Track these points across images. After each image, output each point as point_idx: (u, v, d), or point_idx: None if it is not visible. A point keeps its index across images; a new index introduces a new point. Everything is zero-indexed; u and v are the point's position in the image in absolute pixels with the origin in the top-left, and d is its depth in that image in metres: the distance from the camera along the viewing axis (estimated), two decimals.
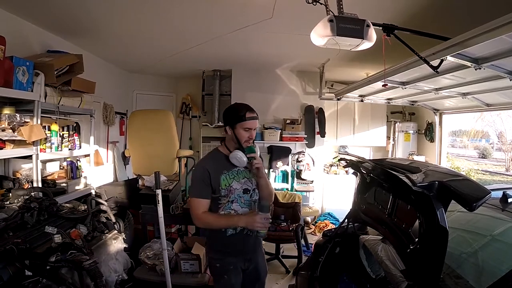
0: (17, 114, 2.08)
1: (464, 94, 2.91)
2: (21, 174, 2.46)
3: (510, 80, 2.02)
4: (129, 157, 3.51)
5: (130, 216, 2.95)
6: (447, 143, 5.59)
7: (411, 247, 1.25)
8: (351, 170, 1.87)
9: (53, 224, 1.75)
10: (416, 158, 4.53)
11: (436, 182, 1.10)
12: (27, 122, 2.18)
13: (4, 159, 2.39)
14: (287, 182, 4.56)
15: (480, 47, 1.60)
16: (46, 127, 2.43)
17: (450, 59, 1.80)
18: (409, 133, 4.93)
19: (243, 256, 1.67)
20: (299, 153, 4.55)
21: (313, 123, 4.57)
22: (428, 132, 4.68)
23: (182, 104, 5.27)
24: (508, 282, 1.09)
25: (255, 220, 1.52)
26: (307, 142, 4.56)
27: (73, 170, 2.80)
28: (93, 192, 2.87)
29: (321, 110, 4.59)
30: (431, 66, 1.82)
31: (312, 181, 4.61)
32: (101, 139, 4.04)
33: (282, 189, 4.30)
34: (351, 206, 1.88)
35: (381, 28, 1.76)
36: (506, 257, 1.32)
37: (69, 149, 2.73)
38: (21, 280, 1.43)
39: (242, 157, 1.57)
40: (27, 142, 2.13)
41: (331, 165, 5.06)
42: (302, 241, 3.23)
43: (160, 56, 3.89)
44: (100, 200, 2.39)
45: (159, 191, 2.14)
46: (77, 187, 2.78)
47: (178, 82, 5.35)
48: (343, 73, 4.58)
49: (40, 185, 2.31)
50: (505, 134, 9.46)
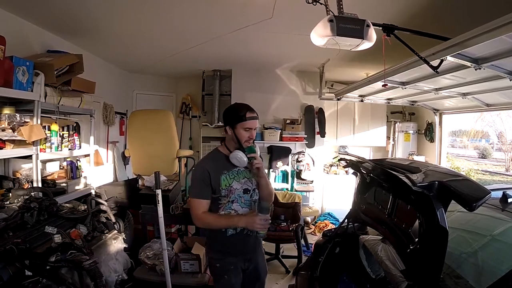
0: (17, 114, 2.08)
1: (464, 94, 2.91)
2: (21, 174, 2.46)
3: (510, 80, 2.02)
4: (129, 157, 3.51)
5: (130, 216, 2.95)
6: (447, 143, 5.58)
7: (411, 247, 1.25)
8: (351, 170, 1.87)
9: (53, 224, 1.75)
10: (416, 158, 4.53)
11: (436, 182, 1.10)
12: (27, 122, 2.18)
13: (4, 159, 2.39)
14: (287, 182, 4.56)
15: (480, 47, 1.60)
16: (46, 127, 2.43)
17: (450, 59, 1.80)
18: (409, 133, 4.93)
19: (243, 256, 1.68)
20: (299, 153, 4.55)
21: (313, 123, 4.57)
22: (428, 132, 4.68)
23: (182, 104, 5.27)
24: (508, 282, 1.09)
25: (255, 221, 1.53)
26: (307, 142, 4.56)
27: (73, 170, 2.80)
28: (93, 192, 2.87)
29: (321, 110, 4.59)
30: (431, 66, 1.82)
31: (312, 181, 4.61)
32: (101, 139, 4.04)
33: (282, 189, 4.30)
34: (351, 206, 1.88)
35: (381, 28, 1.76)
36: (506, 257, 1.32)
37: (69, 149, 2.73)
38: (21, 280, 1.43)
39: (243, 157, 1.57)
40: (27, 142, 2.13)
41: (331, 165, 5.06)
42: (302, 241, 3.23)
43: (160, 56, 3.89)
44: (100, 200, 2.39)
45: (159, 191, 2.15)
46: (77, 187, 2.78)
47: (178, 82, 5.35)
48: (343, 73, 4.58)
49: (40, 185, 2.31)
50: (505, 134, 9.47)
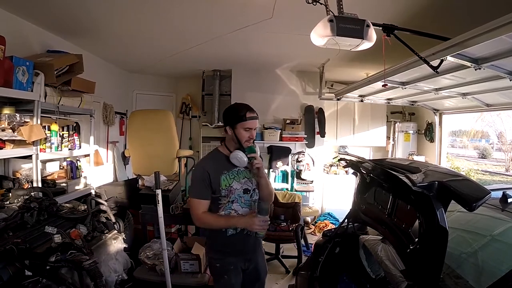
0: (17, 114, 2.08)
1: (464, 94, 2.91)
2: (21, 174, 2.46)
3: (510, 80, 2.02)
4: (129, 157, 3.51)
5: (130, 216, 2.95)
6: (447, 143, 5.58)
7: (411, 247, 1.25)
8: (351, 170, 1.87)
9: (53, 224, 1.75)
10: (416, 158, 4.53)
11: (436, 182, 1.10)
12: (27, 122, 2.18)
13: (4, 159, 2.39)
14: (287, 182, 4.56)
15: (480, 47, 1.60)
16: (46, 127, 2.42)
17: (450, 59, 1.80)
18: (409, 133, 4.93)
19: (243, 256, 1.68)
20: (299, 153, 4.55)
21: (313, 123, 4.57)
22: (428, 132, 4.68)
23: (182, 104, 5.27)
24: (508, 282, 1.09)
25: (254, 223, 1.53)
26: (307, 142, 4.56)
27: (73, 170, 2.80)
28: (93, 192, 2.87)
29: (321, 110, 4.59)
30: (431, 66, 1.82)
31: (312, 181, 4.60)
32: (101, 139, 4.04)
33: (282, 189, 4.30)
34: (351, 206, 1.88)
35: (381, 28, 1.76)
36: (506, 257, 1.32)
37: (69, 149, 2.73)
38: (21, 280, 1.43)
39: (243, 157, 1.57)
40: (27, 142, 2.13)
41: (331, 165, 5.06)
42: (302, 241, 3.23)
43: (160, 56, 3.89)
44: (100, 200, 2.40)
45: (159, 191, 2.15)
46: (77, 187, 2.78)
47: (178, 82, 5.35)
48: (343, 73, 4.58)
49: (40, 185, 2.31)
50: (505, 134, 9.47)
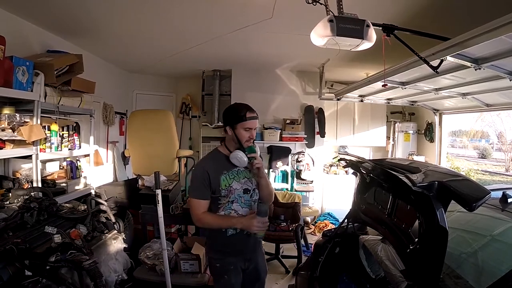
0: (17, 114, 2.08)
1: (464, 94, 2.92)
2: (21, 174, 2.45)
3: (510, 80, 2.02)
4: (129, 157, 3.51)
5: (130, 216, 2.95)
6: (447, 143, 5.58)
7: (411, 247, 1.25)
8: (351, 170, 1.87)
9: (53, 224, 1.75)
10: (416, 158, 4.53)
11: (436, 182, 1.10)
12: (27, 122, 2.18)
13: (4, 159, 2.39)
14: (287, 182, 4.55)
15: (480, 47, 1.60)
16: (46, 127, 2.42)
17: (450, 59, 1.80)
18: (409, 133, 4.92)
19: (243, 256, 1.68)
20: (299, 153, 4.55)
21: (313, 123, 4.57)
22: (428, 132, 4.68)
23: (182, 104, 5.27)
24: (508, 282, 1.08)
25: (253, 224, 1.53)
26: (307, 142, 4.56)
27: (73, 170, 2.80)
28: (93, 192, 2.87)
29: (321, 110, 4.60)
30: (431, 66, 1.82)
31: (312, 181, 4.60)
32: (101, 139, 4.04)
33: (282, 189, 4.30)
34: (351, 206, 1.87)
35: (381, 28, 1.76)
36: (506, 257, 1.32)
37: (69, 149, 2.73)
38: (21, 280, 1.43)
39: (243, 157, 1.57)
40: (27, 142, 2.13)
41: (331, 165, 5.06)
42: (302, 241, 3.23)
43: (160, 56, 3.89)
44: (100, 200, 2.40)
45: (159, 191, 2.15)
46: (77, 187, 2.77)
47: (178, 82, 5.35)
48: (343, 73, 4.58)
49: (40, 185, 2.31)
50: (505, 134, 9.48)
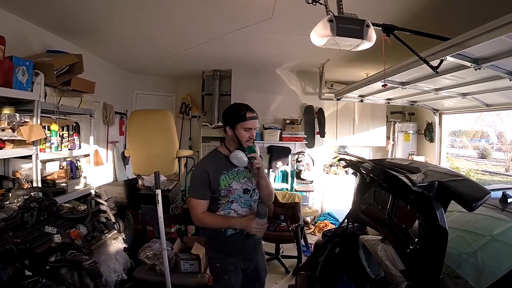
0: (17, 114, 2.08)
1: (464, 95, 2.92)
2: (21, 174, 2.45)
3: (510, 80, 2.02)
4: (129, 157, 3.51)
5: (130, 216, 2.95)
6: (447, 143, 5.58)
7: (411, 247, 1.25)
8: (351, 170, 1.87)
9: (53, 224, 1.75)
10: (416, 158, 4.53)
11: (436, 182, 1.10)
12: (27, 122, 2.18)
13: (4, 159, 2.39)
14: (287, 182, 4.56)
15: (480, 48, 1.60)
16: (46, 127, 2.42)
17: (450, 59, 1.80)
18: (409, 133, 4.93)
19: (243, 256, 1.68)
20: (299, 153, 4.55)
21: (313, 123, 4.57)
22: (428, 132, 4.68)
23: (182, 104, 5.27)
24: (508, 282, 1.08)
25: (251, 225, 1.54)
26: (307, 142, 4.56)
27: (73, 170, 2.80)
28: (93, 192, 2.87)
29: (321, 110, 4.60)
30: (431, 67, 1.82)
31: (312, 181, 4.60)
32: (101, 139, 4.03)
33: (282, 189, 4.30)
34: (351, 206, 1.88)
35: (381, 28, 1.76)
36: (506, 257, 1.32)
37: (69, 149, 2.73)
38: (21, 280, 1.43)
39: (243, 157, 1.57)
40: (27, 142, 2.13)
41: (331, 165, 5.06)
42: (302, 241, 3.23)
43: (160, 56, 3.89)
44: (100, 200, 2.40)
45: (159, 191, 2.14)
46: (77, 187, 2.77)
47: (178, 82, 5.35)
48: (343, 73, 4.58)
49: (40, 185, 2.31)
50: (505, 134, 9.49)
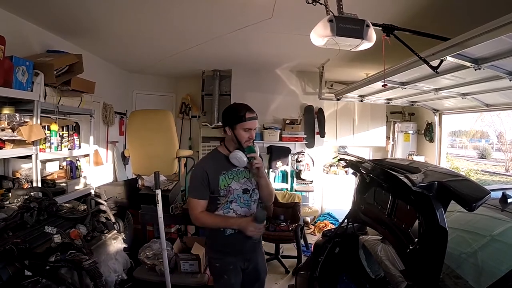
0: (17, 114, 2.08)
1: (464, 95, 2.92)
2: (21, 174, 2.45)
3: (510, 81, 2.02)
4: (129, 157, 3.51)
5: (130, 216, 2.95)
6: (447, 143, 5.59)
7: (411, 247, 1.25)
8: (351, 170, 1.86)
9: (53, 224, 1.75)
10: (416, 158, 4.53)
11: (436, 182, 1.10)
12: (27, 122, 2.17)
13: (4, 159, 2.39)
14: (287, 182, 4.56)
15: (480, 48, 1.60)
16: (46, 127, 2.42)
17: (450, 60, 1.80)
18: (409, 133, 4.93)
19: (243, 256, 1.68)
20: (299, 153, 4.55)
21: (313, 123, 4.57)
22: (428, 132, 4.68)
23: (182, 104, 5.27)
24: (508, 282, 1.08)
25: (249, 228, 1.54)
26: (307, 142, 4.56)
27: (73, 170, 2.80)
28: (93, 192, 2.87)
29: (321, 110, 4.60)
30: (431, 67, 1.82)
31: (312, 181, 4.60)
32: (101, 139, 4.03)
33: (282, 189, 4.30)
34: (351, 206, 1.87)
35: (381, 28, 1.76)
36: (506, 257, 1.32)
37: (69, 149, 2.73)
38: (21, 280, 1.43)
39: (242, 157, 1.57)
40: (27, 142, 2.13)
41: (331, 165, 5.06)
42: (302, 241, 3.23)
43: (160, 56, 3.89)
44: (100, 200, 2.40)
45: (159, 191, 2.14)
46: (77, 187, 2.77)
47: (178, 82, 5.36)
48: (343, 73, 4.58)
49: (40, 185, 2.31)
50: (505, 135, 9.50)
